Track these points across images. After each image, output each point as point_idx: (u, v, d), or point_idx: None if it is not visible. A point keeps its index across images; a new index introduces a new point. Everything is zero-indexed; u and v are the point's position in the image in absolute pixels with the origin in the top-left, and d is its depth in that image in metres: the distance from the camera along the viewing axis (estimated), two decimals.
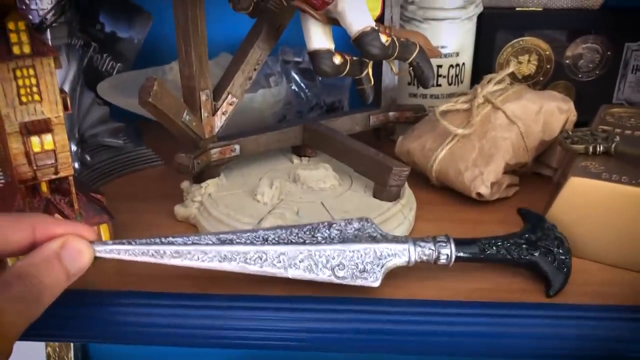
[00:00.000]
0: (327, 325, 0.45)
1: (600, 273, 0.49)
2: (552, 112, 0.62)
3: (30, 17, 0.60)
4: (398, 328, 0.45)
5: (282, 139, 0.62)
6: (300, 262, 0.44)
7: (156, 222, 0.58)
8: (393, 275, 0.46)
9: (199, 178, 0.57)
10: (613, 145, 0.54)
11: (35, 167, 0.46)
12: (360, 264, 0.44)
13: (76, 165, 0.63)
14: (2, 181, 0.54)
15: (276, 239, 0.44)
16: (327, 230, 0.46)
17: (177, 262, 0.42)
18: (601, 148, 0.55)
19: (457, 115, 0.63)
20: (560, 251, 0.48)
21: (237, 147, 0.58)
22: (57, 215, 0.48)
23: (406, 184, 0.57)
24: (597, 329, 0.44)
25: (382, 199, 0.55)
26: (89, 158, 0.65)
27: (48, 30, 0.61)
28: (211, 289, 0.47)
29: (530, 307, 0.45)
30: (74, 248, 0.38)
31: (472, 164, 0.59)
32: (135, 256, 0.42)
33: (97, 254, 0.40)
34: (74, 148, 0.63)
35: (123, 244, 0.42)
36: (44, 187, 0.49)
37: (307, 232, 0.45)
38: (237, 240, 0.44)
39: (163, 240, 0.42)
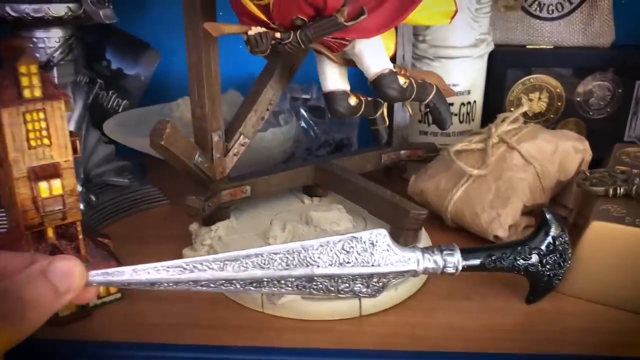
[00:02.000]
0: None
1: (624, 321, 0.48)
2: (568, 152, 0.61)
3: (38, 55, 0.59)
4: None
5: (294, 179, 0.60)
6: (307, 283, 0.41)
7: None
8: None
9: (208, 220, 0.55)
10: (634, 188, 0.53)
11: (42, 213, 0.44)
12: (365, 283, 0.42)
13: (81, 206, 0.61)
14: (6, 226, 0.52)
15: (283, 263, 0.42)
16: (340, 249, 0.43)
17: (176, 285, 0.39)
18: (622, 190, 0.53)
19: (472, 155, 0.62)
20: (562, 270, 0.49)
21: (248, 188, 0.57)
22: None
23: (422, 227, 0.56)
24: None
25: (399, 243, 0.53)
26: (94, 198, 0.63)
27: (55, 68, 0.60)
28: (223, 340, 0.45)
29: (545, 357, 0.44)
30: (62, 266, 0.35)
31: (489, 206, 0.58)
32: (129, 277, 0.39)
33: (90, 277, 0.37)
34: (79, 188, 0.61)
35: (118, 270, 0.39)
36: (50, 233, 0.47)
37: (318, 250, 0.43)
38: (235, 267, 0.40)
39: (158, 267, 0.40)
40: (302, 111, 0.73)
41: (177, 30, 0.51)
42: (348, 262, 0.42)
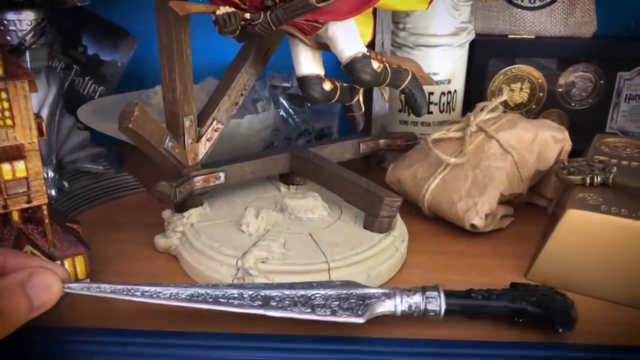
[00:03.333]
0: None
1: (599, 310, 0.47)
2: (547, 141, 0.61)
3: (9, 38, 0.58)
4: None
5: (270, 167, 0.60)
6: (278, 301, 0.42)
7: (135, 254, 0.55)
8: (381, 321, 0.44)
9: (181, 207, 0.54)
10: (611, 177, 0.53)
11: (5, 196, 0.43)
12: (343, 304, 0.42)
13: (53, 192, 0.60)
14: None
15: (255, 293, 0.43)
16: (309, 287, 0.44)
17: (149, 300, 0.41)
18: (599, 179, 0.53)
19: (450, 144, 0.61)
20: (564, 299, 0.44)
21: (221, 175, 0.56)
22: (28, 246, 0.45)
23: (398, 215, 0.55)
24: None
25: (373, 230, 0.52)
26: (67, 185, 0.62)
27: (27, 52, 0.59)
28: (190, 327, 0.44)
29: (527, 346, 0.43)
30: (42, 280, 0.36)
31: (466, 195, 0.57)
32: (106, 293, 0.41)
33: (66, 290, 0.38)
34: (51, 174, 0.60)
35: (94, 282, 0.41)
36: (16, 217, 0.46)
37: (288, 288, 0.43)
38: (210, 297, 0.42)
39: (134, 288, 0.42)
40: (282, 99, 0.72)
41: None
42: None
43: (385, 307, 0.43)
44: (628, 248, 0.47)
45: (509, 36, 0.75)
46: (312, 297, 0.42)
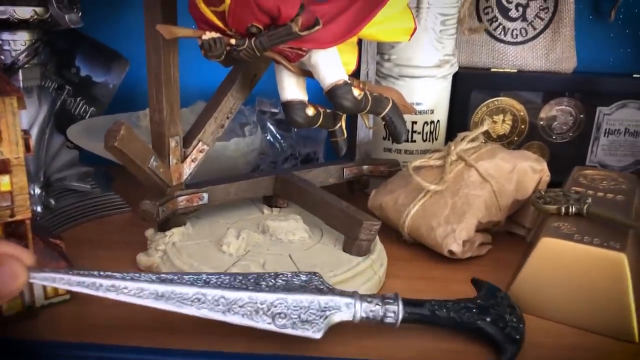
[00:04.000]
0: None
1: (572, 336, 0.48)
2: (526, 171, 0.62)
3: (2, 57, 0.60)
4: None
5: (253, 189, 0.61)
6: (240, 307, 0.42)
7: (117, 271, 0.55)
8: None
9: (164, 226, 0.55)
10: (585, 207, 0.54)
11: None
12: (302, 314, 0.43)
13: (39, 209, 0.61)
14: None
15: (218, 283, 0.43)
16: (272, 280, 0.45)
17: (112, 295, 0.41)
18: (573, 209, 0.54)
19: (431, 172, 0.63)
20: (513, 319, 0.46)
21: (205, 195, 0.57)
22: None
23: (377, 239, 0.56)
24: None
25: (352, 254, 0.53)
26: (53, 202, 0.63)
27: (20, 71, 0.60)
28: (168, 343, 0.45)
29: None
30: (9, 269, 0.37)
31: (445, 221, 0.58)
32: (70, 285, 0.41)
33: (32, 280, 0.39)
34: (37, 191, 0.61)
35: (59, 272, 0.40)
36: None
37: (252, 280, 0.44)
38: (178, 281, 0.42)
39: (101, 273, 0.42)
40: (269, 124, 0.74)
41: None
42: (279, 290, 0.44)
43: (344, 316, 0.44)
44: (599, 276, 0.48)
45: (492, 69, 0.77)
46: (274, 304, 0.43)
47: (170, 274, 0.43)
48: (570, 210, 0.54)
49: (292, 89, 0.51)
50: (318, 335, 0.42)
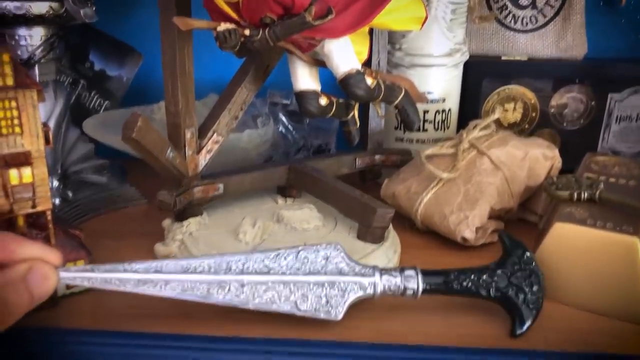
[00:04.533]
0: None
1: (585, 320, 0.48)
2: (537, 158, 0.63)
3: (19, 52, 0.61)
4: None
5: (267, 179, 0.61)
6: (263, 292, 0.43)
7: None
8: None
9: (181, 216, 0.56)
10: (597, 192, 0.54)
11: (12, 200, 0.45)
12: (323, 297, 0.44)
13: (57, 201, 0.62)
14: None
15: (240, 267, 0.44)
16: (293, 259, 0.45)
17: (140, 290, 0.42)
18: (586, 195, 0.55)
19: (443, 160, 0.63)
20: (533, 289, 0.47)
21: (221, 186, 0.58)
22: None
23: (391, 227, 0.57)
24: None
25: (366, 241, 0.54)
26: (70, 194, 0.64)
27: (36, 66, 0.61)
28: (187, 329, 0.46)
29: (509, 353, 0.44)
30: (40, 273, 0.38)
31: (457, 208, 0.59)
32: (98, 284, 0.42)
33: (61, 280, 0.40)
34: (55, 184, 0.62)
35: (87, 270, 0.42)
36: (21, 221, 0.47)
37: (273, 259, 0.45)
38: (200, 269, 0.43)
39: (126, 267, 0.43)
40: (281, 116, 0.74)
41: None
42: (301, 271, 0.44)
43: (365, 293, 0.45)
44: (611, 260, 0.48)
45: (502, 58, 0.77)
46: (297, 287, 0.44)
47: (192, 260, 0.44)
48: (583, 195, 0.55)
49: (305, 79, 0.52)
50: (340, 317, 0.44)
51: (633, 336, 0.47)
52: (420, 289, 0.45)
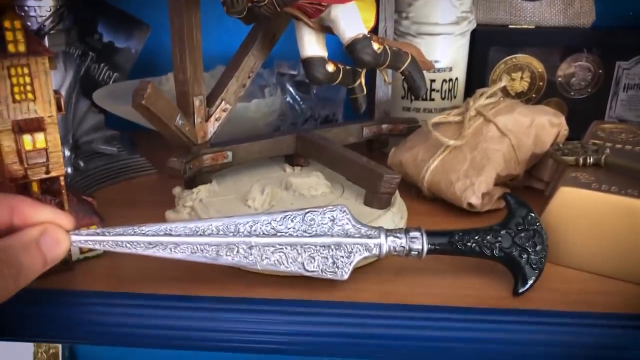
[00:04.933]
0: (311, 328, 0.45)
1: (589, 282, 0.49)
2: (544, 125, 0.63)
3: (29, 23, 0.61)
4: (369, 332, 0.45)
5: (275, 147, 0.62)
6: (271, 253, 0.44)
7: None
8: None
9: (190, 184, 0.57)
10: (603, 157, 0.55)
11: (26, 166, 0.46)
12: (330, 258, 0.45)
13: (69, 170, 0.63)
14: None
15: (248, 229, 0.45)
16: (300, 221, 0.46)
17: (150, 252, 0.43)
18: (591, 160, 0.55)
19: (450, 128, 0.63)
20: (537, 249, 0.48)
21: (229, 153, 0.58)
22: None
23: (397, 193, 0.58)
24: (586, 336, 0.43)
25: (372, 207, 0.55)
26: (82, 164, 0.65)
27: (46, 37, 0.62)
28: (198, 291, 0.47)
29: (513, 313, 0.45)
30: (53, 237, 0.39)
31: (464, 175, 0.59)
32: (110, 247, 0.43)
33: (73, 244, 0.41)
34: (67, 153, 0.63)
35: (97, 234, 0.43)
36: (35, 187, 0.48)
37: (280, 221, 0.45)
38: (208, 232, 0.44)
39: (137, 230, 0.43)
40: (288, 86, 0.75)
41: (167, 8, 0.53)
42: (307, 233, 0.45)
43: (371, 254, 0.46)
44: (616, 223, 0.49)
45: (510, 26, 0.77)
46: (304, 249, 0.45)
47: (202, 222, 0.45)
48: (589, 160, 0.55)
49: (312, 45, 0.52)
50: (345, 277, 0.45)
51: (637, 296, 0.47)
52: (425, 249, 0.46)
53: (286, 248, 0.45)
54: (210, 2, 0.50)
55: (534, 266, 0.47)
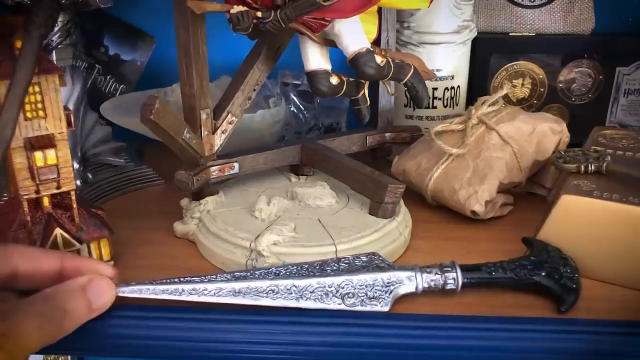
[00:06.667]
0: (337, 339, 0.45)
1: (592, 289, 0.50)
2: (545, 133, 0.64)
3: None
4: (407, 342, 0.45)
5: (281, 158, 0.63)
6: (311, 292, 0.46)
7: (155, 239, 0.59)
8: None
9: (198, 195, 0.58)
10: (604, 165, 0.55)
11: (38, 182, 0.47)
12: (369, 292, 0.46)
13: (78, 182, 0.64)
14: (6, 197, 0.55)
15: (287, 274, 0.47)
16: (335, 264, 0.48)
17: (194, 298, 0.45)
18: (593, 167, 0.56)
19: (452, 136, 0.64)
20: (567, 270, 0.49)
21: (236, 165, 0.59)
22: (58, 229, 0.49)
23: (402, 202, 0.58)
24: (588, 343, 0.44)
25: (378, 216, 0.56)
26: (90, 176, 0.66)
27: (53, 51, 0.63)
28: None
29: (523, 321, 0.46)
30: (99, 284, 0.42)
31: (467, 183, 0.60)
32: (156, 294, 0.45)
33: (120, 294, 0.44)
34: (76, 166, 0.64)
35: (145, 284, 0.45)
36: (46, 202, 0.50)
37: (317, 267, 0.47)
38: (250, 276, 0.46)
39: (182, 279, 0.46)
40: (292, 96, 0.76)
41: (172, 20, 0.54)
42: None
43: (408, 288, 0.47)
44: (618, 230, 0.50)
45: (510, 34, 0.78)
46: (342, 286, 0.46)
47: (243, 271, 0.47)
48: (590, 168, 0.56)
49: (316, 58, 0.53)
50: (386, 309, 0.46)
51: (638, 303, 0.48)
52: (460, 283, 0.47)
53: (325, 285, 0.46)
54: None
55: (570, 284, 0.48)
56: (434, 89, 0.72)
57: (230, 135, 0.59)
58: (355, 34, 0.50)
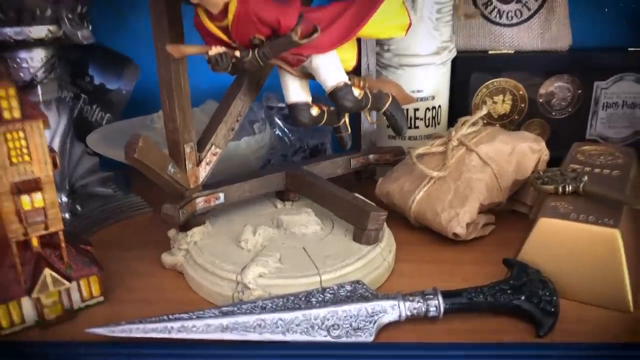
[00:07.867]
0: None
1: (568, 311, 0.51)
2: (525, 152, 0.65)
3: (22, 74, 0.63)
4: None
5: (266, 185, 0.64)
6: (297, 325, 0.47)
7: (144, 270, 0.59)
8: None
9: (185, 226, 0.59)
10: (581, 185, 0.57)
11: (25, 224, 0.48)
12: (354, 323, 0.47)
13: (67, 215, 0.65)
14: None
15: (273, 307, 0.48)
16: (320, 295, 0.49)
17: (183, 335, 0.46)
18: (570, 188, 0.57)
19: (433, 158, 0.65)
20: (547, 293, 0.50)
21: (221, 195, 0.60)
22: (47, 269, 0.50)
23: (385, 226, 0.60)
24: None
25: (361, 243, 0.57)
26: (79, 208, 0.67)
27: (39, 86, 0.64)
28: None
29: (503, 347, 0.47)
30: None
31: (448, 205, 0.61)
32: (146, 333, 0.46)
33: (112, 334, 0.46)
34: (64, 199, 0.65)
35: (134, 323, 0.47)
36: (35, 242, 0.50)
37: (303, 298, 0.49)
38: (238, 311, 0.47)
39: (170, 317, 0.47)
40: (277, 119, 0.77)
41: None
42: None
43: (391, 317, 0.48)
44: (594, 252, 0.51)
45: (489, 52, 0.79)
46: (327, 318, 0.47)
47: (231, 306, 0.48)
48: (567, 189, 0.57)
49: (296, 91, 0.54)
50: (371, 339, 0.47)
51: (616, 323, 0.50)
52: (442, 309, 0.48)
53: (311, 318, 0.47)
54: (198, 35, 0.51)
55: (549, 308, 0.49)
56: (416, 109, 0.74)
57: (217, 163, 0.60)
58: (332, 68, 0.51)
